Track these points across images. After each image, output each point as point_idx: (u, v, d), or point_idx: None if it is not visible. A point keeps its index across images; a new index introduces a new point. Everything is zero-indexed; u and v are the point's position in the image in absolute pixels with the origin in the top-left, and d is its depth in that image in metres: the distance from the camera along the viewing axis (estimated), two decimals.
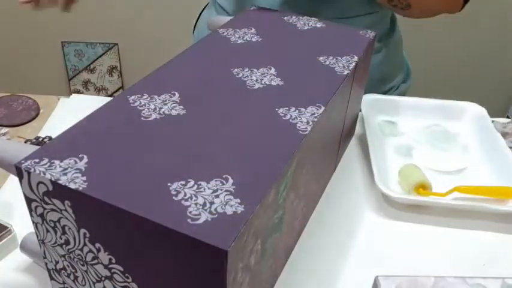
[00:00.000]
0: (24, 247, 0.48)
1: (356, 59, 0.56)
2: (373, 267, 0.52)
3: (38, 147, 0.38)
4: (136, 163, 0.37)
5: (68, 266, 0.40)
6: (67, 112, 0.74)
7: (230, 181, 0.36)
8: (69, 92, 2.08)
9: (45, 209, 0.37)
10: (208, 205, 0.33)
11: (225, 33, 0.60)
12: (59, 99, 0.78)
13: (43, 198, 0.36)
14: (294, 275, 0.51)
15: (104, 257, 0.37)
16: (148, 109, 0.44)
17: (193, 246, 0.31)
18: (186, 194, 0.34)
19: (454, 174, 0.66)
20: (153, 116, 0.43)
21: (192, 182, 0.35)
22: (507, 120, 0.78)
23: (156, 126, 0.42)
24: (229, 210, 0.33)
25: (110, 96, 1.94)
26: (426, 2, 0.70)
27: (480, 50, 1.94)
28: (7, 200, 0.57)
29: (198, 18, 0.95)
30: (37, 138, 0.68)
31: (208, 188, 0.35)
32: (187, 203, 0.33)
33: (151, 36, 1.94)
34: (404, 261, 0.53)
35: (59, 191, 0.35)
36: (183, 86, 0.48)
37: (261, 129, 0.42)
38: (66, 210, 0.36)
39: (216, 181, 0.36)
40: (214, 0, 0.86)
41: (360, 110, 0.72)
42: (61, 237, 0.38)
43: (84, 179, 0.35)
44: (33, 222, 0.39)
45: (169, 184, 0.35)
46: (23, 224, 0.51)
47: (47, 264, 0.42)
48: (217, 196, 0.34)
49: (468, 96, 0.94)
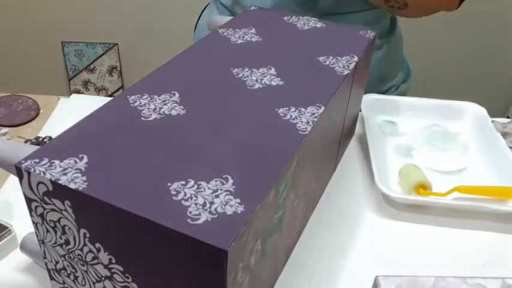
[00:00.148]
0: (24, 247, 0.48)
1: (356, 59, 0.56)
2: (373, 267, 0.52)
3: (38, 147, 0.38)
4: (136, 163, 0.37)
5: (68, 266, 0.40)
6: (67, 112, 0.74)
7: (230, 181, 0.36)
8: (69, 92, 2.08)
9: (45, 209, 0.37)
10: (208, 205, 0.33)
11: (225, 33, 0.60)
12: (59, 99, 0.78)
13: (43, 198, 0.36)
14: (294, 275, 0.51)
15: (104, 257, 0.37)
16: (148, 109, 0.44)
17: (193, 246, 0.31)
18: (186, 194, 0.34)
19: (454, 174, 0.66)
20: (153, 116, 0.43)
21: (192, 182, 0.35)
22: (507, 120, 0.78)
23: (156, 126, 0.42)
24: (229, 210, 0.33)
25: (110, 96, 1.94)
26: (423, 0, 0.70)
27: (480, 50, 1.94)
28: (7, 200, 0.57)
29: (199, 18, 0.95)
30: (37, 138, 0.68)
31: (208, 188, 0.35)
32: (187, 203, 0.33)
33: (151, 36, 1.94)
34: (404, 261, 0.53)
35: (59, 191, 0.35)
36: (183, 86, 0.48)
37: (261, 129, 0.42)
38: (66, 210, 0.36)
39: (216, 181, 0.36)
40: None
41: (360, 110, 0.72)
42: (61, 237, 0.38)
43: (84, 179, 0.35)
44: (33, 222, 0.39)
45: (169, 184, 0.35)
46: (23, 224, 0.51)
47: (47, 264, 0.42)
48: (217, 196, 0.34)
49: (468, 96, 0.94)
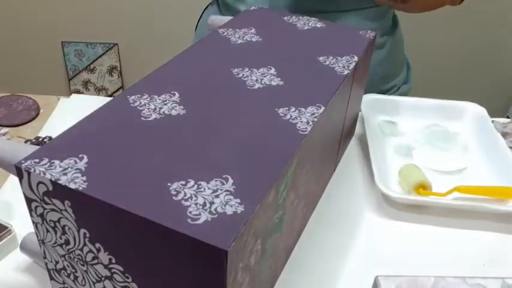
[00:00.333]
0: (24, 247, 0.48)
1: (356, 59, 0.56)
2: (373, 267, 0.52)
3: (38, 147, 0.38)
4: (136, 163, 0.37)
5: (68, 266, 0.40)
6: (67, 112, 0.74)
7: (230, 181, 0.36)
8: (69, 92, 2.08)
9: (45, 209, 0.37)
10: (208, 205, 0.33)
11: (225, 33, 0.60)
12: (59, 99, 0.78)
13: (43, 198, 0.36)
14: (294, 275, 0.51)
15: (104, 257, 0.37)
16: (148, 109, 0.44)
17: (193, 246, 0.31)
18: (186, 194, 0.34)
19: (454, 174, 0.66)
20: (153, 116, 0.43)
21: (192, 182, 0.35)
22: (507, 120, 0.78)
23: (156, 126, 0.42)
24: (229, 210, 0.33)
25: (110, 96, 1.94)
26: None
27: (480, 50, 1.94)
28: (7, 200, 0.57)
29: (200, 17, 0.95)
30: (37, 138, 0.68)
31: (208, 188, 0.35)
32: (187, 203, 0.33)
33: (151, 36, 1.94)
34: (404, 261, 0.53)
35: (59, 191, 0.35)
36: (183, 86, 0.48)
37: (261, 129, 0.42)
38: (66, 210, 0.36)
39: (216, 181, 0.36)
40: None
41: (360, 110, 0.72)
42: (61, 237, 0.38)
43: (84, 179, 0.35)
44: (33, 222, 0.39)
45: (169, 184, 0.35)
46: (23, 224, 0.51)
47: (47, 264, 0.42)
48: (217, 196, 0.34)
49: (468, 96, 0.94)
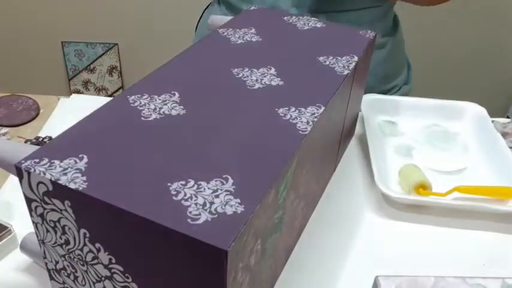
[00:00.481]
0: (24, 247, 0.48)
1: (356, 59, 0.56)
2: (373, 267, 0.52)
3: (38, 147, 0.38)
4: (136, 163, 0.37)
5: (68, 266, 0.40)
6: (67, 112, 0.74)
7: (230, 181, 0.36)
8: (69, 92, 2.08)
9: (45, 209, 0.37)
10: (208, 205, 0.33)
11: (225, 33, 0.60)
12: (59, 99, 0.78)
13: (43, 198, 0.36)
14: (294, 275, 0.51)
15: (104, 257, 0.37)
16: (148, 109, 0.44)
17: (193, 246, 0.31)
18: (186, 194, 0.34)
19: (454, 174, 0.66)
20: (153, 116, 0.43)
21: (192, 182, 0.35)
22: (507, 120, 0.78)
23: (156, 126, 0.42)
24: (229, 210, 0.33)
25: (110, 96, 1.94)
26: None
27: (480, 50, 1.94)
28: (7, 200, 0.57)
29: (201, 17, 0.95)
30: (37, 138, 0.68)
31: (208, 188, 0.35)
32: (187, 203, 0.33)
33: (151, 36, 1.94)
34: (404, 261, 0.53)
35: (59, 191, 0.35)
36: (183, 86, 0.48)
37: (261, 129, 0.42)
38: (66, 210, 0.36)
39: (216, 181, 0.36)
40: None
41: (360, 110, 0.72)
42: (61, 237, 0.38)
43: (84, 179, 0.35)
44: (33, 222, 0.39)
45: (169, 184, 0.35)
46: (23, 224, 0.51)
47: (47, 264, 0.42)
48: (217, 196, 0.34)
49: (468, 96, 0.94)
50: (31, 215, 0.39)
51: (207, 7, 0.95)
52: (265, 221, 0.38)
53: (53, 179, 0.35)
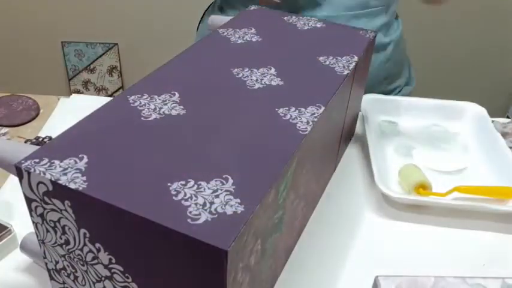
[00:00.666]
0: (24, 247, 0.48)
1: (356, 59, 0.56)
2: (373, 267, 0.52)
3: (38, 147, 0.38)
4: (136, 163, 0.37)
5: (68, 266, 0.40)
6: (67, 112, 0.74)
7: (230, 181, 0.36)
8: (69, 92, 2.08)
9: (45, 209, 0.37)
10: (208, 205, 0.33)
11: (225, 33, 0.60)
12: (59, 99, 0.78)
13: (43, 198, 0.36)
14: (294, 275, 0.51)
15: (104, 257, 0.37)
16: (148, 109, 0.44)
17: (193, 246, 0.31)
18: (186, 194, 0.34)
19: (454, 174, 0.66)
20: (153, 116, 0.43)
21: (192, 182, 0.35)
22: (507, 120, 0.78)
23: (156, 126, 0.42)
24: (229, 210, 0.33)
25: (110, 96, 1.94)
26: None
27: (480, 49, 1.94)
28: (7, 200, 0.57)
29: (202, 17, 0.95)
30: (37, 138, 0.68)
31: (208, 188, 0.35)
32: (187, 203, 0.33)
33: (151, 36, 1.94)
34: (404, 261, 0.53)
35: (59, 191, 0.35)
36: (183, 86, 0.48)
37: (261, 129, 0.42)
38: (66, 210, 0.36)
39: (216, 181, 0.36)
40: None
41: (360, 110, 0.72)
42: (61, 237, 0.38)
43: (84, 179, 0.35)
44: (33, 222, 0.39)
45: (169, 184, 0.35)
46: (23, 224, 0.51)
47: (47, 264, 0.42)
48: (217, 196, 0.34)
49: (468, 96, 0.94)
50: (31, 215, 0.39)
51: (208, 8, 0.95)
52: (265, 221, 0.38)
53: (53, 179, 0.35)
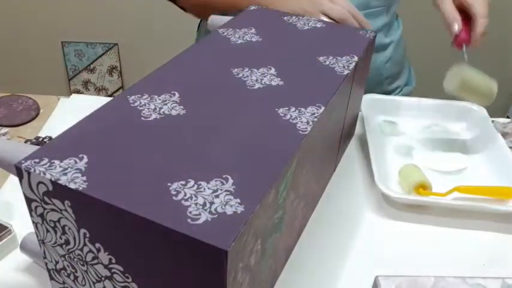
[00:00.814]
0: (24, 247, 0.48)
1: (356, 59, 0.56)
2: (373, 267, 0.52)
3: (38, 147, 0.38)
4: (136, 163, 0.37)
5: (68, 266, 0.40)
6: (67, 112, 0.74)
7: (230, 181, 0.36)
8: (69, 92, 2.08)
9: (45, 209, 0.37)
10: (208, 205, 0.33)
11: (225, 33, 0.60)
12: (59, 99, 0.78)
13: (43, 198, 0.36)
14: (294, 275, 0.51)
15: (104, 257, 0.37)
16: (148, 109, 0.44)
17: (193, 246, 0.31)
18: (186, 194, 0.34)
19: (454, 174, 0.66)
20: (153, 116, 0.43)
21: (192, 182, 0.35)
22: (507, 120, 0.78)
23: (156, 126, 0.42)
24: (229, 210, 0.33)
25: (110, 96, 1.94)
26: None
27: (480, 49, 1.94)
28: (7, 200, 0.57)
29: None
30: (37, 138, 0.68)
31: (208, 188, 0.35)
32: (187, 203, 0.33)
33: (151, 36, 1.94)
34: (404, 261, 0.53)
35: (59, 191, 0.35)
36: (183, 86, 0.48)
37: (261, 129, 0.42)
38: (66, 210, 0.36)
39: (216, 181, 0.36)
40: None
41: (360, 110, 0.72)
42: (61, 237, 0.38)
43: (84, 179, 0.35)
44: (33, 222, 0.39)
45: (169, 184, 0.35)
46: (23, 224, 0.51)
47: (47, 264, 0.42)
48: (217, 196, 0.34)
49: None
50: (31, 215, 0.39)
51: None
52: (265, 221, 0.38)
53: (53, 179, 0.35)
